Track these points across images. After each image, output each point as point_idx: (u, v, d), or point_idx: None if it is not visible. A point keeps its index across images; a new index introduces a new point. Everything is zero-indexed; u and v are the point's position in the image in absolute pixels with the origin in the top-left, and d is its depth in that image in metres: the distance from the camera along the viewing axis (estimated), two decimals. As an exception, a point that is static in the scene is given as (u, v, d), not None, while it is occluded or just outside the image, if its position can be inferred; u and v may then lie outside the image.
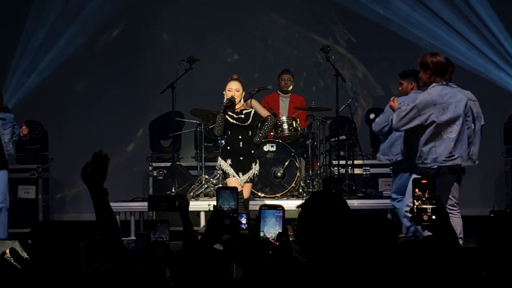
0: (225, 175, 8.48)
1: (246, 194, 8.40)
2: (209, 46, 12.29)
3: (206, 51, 11.80)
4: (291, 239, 3.28)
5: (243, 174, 8.38)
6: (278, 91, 10.83)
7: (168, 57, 11.68)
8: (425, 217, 3.25)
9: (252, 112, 8.45)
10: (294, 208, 3.27)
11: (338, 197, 3.21)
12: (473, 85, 11.86)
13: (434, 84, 6.86)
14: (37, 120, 11.58)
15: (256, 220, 3.10)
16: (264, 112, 8.61)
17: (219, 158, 8.54)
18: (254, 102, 8.53)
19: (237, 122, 8.40)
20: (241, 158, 8.39)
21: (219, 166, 8.58)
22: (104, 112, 12.44)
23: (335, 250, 3.00)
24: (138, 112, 12.30)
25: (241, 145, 8.43)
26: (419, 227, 3.30)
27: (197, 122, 10.46)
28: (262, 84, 9.77)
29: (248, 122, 8.41)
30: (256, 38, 12.58)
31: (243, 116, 8.43)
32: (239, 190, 8.04)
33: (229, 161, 8.40)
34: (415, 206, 3.28)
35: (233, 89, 8.39)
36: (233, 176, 8.35)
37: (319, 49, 10.39)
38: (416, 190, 3.30)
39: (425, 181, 3.31)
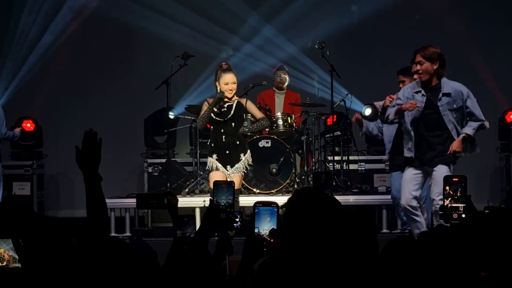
0: (211, 170, 8.23)
1: (235, 185, 8.12)
2: (204, 42, 12.27)
3: (201, 47, 11.79)
4: None
5: (231, 167, 8.14)
6: (274, 87, 10.81)
7: (162, 53, 11.66)
8: (455, 215, 3.23)
9: (234, 104, 8.16)
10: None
11: (321, 193, 3.19)
12: (468, 80, 11.93)
13: (445, 78, 6.97)
14: (32, 116, 11.57)
15: (250, 217, 3.10)
16: (259, 114, 8.40)
17: (208, 157, 8.32)
18: (249, 104, 8.28)
19: (219, 118, 8.13)
20: (227, 152, 8.16)
21: (208, 165, 8.32)
22: (98, 108, 12.41)
23: (323, 248, 3.00)
24: (133, 108, 12.27)
25: (224, 139, 8.17)
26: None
27: (192, 118, 10.45)
28: (257, 80, 9.76)
29: (230, 116, 8.13)
30: (251, 34, 12.55)
31: (225, 110, 8.16)
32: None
33: (215, 156, 8.16)
34: (447, 204, 3.25)
35: (230, 82, 8.05)
36: (218, 169, 8.10)
37: (314, 45, 10.37)
38: (447, 188, 3.27)
39: (457, 179, 3.28)
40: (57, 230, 3.09)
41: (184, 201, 9.40)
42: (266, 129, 9.80)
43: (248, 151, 8.28)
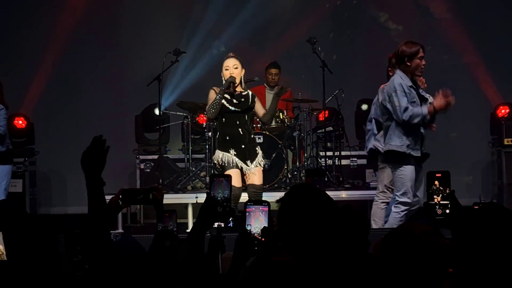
0: (224, 167, 7.56)
1: (259, 179, 7.65)
2: (195, 38, 12.26)
3: (192, 43, 11.78)
4: None
5: (251, 162, 7.62)
6: (265, 84, 10.82)
7: (154, 50, 11.65)
8: (439, 211, 3.22)
9: (251, 94, 7.76)
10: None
11: (317, 190, 3.20)
12: (460, 76, 11.95)
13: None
14: (23, 112, 11.54)
15: (241, 216, 3.10)
16: (261, 112, 7.82)
17: (218, 152, 7.61)
18: (256, 98, 7.83)
19: (236, 109, 7.60)
20: (243, 146, 7.59)
21: (219, 160, 7.58)
22: (90, 105, 12.39)
23: (316, 245, 3.00)
24: (125, 104, 12.26)
25: (241, 132, 7.62)
26: None
27: (184, 114, 10.44)
28: (249, 76, 9.75)
29: (248, 107, 7.66)
30: (243, 30, 12.55)
31: (243, 100, 7.66)
32: (250, 178, 7.60)
33: (232, 151, 7.55)
34: (436, 201, 3.24)
35: (231, 66, 7.63)
36: (237, 166, 7.52)
37: (305, 40, 10.36)
38: (436, 183, 3.26)
39: (440, 175, 3.28)
40: (43, 228, 3.09)
41: (176, 198, 9.41)
42: (258, 125, 9.82)
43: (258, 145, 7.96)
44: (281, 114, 9.93)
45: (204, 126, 10.10)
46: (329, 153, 10.58)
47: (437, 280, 2.61)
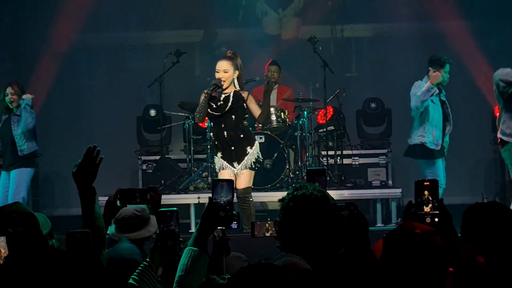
0: (219, 169, 7.78)
1: (244, 183, 7.67)
2: (196, 39, 12.26)
3: (193, 44, 11.78)
4: (273, 235, 3.31)
5: (238, 163, 7.69)
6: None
7: (155, 51, 11.66)
8: (428, 220, 3.23)
9: (231, 95, 7.64)
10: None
11: (321, 191, 3.20)
12: (462, 73, 11.95)
13: None
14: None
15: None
16: (257, 112, 7.75)
17: (214, 157, 7.92)
18: (250, 99, 7.73)
19: (216, 112, 7.62)
20: (232, 148, 7.67)
21: (215, 166, 7.90)
22: (91, 106, 12.40)
23: (316, 245, 3.01)
24: (127, 105, 12.26)
25: (226, 134, 7.66)
26: None
27: (185, 115, 10.45)
28: (250, 76, 9.75)
29: (227, 108, 7.63)
30: (243, 30, 12.55)
31: (222, 102, 7.63)
32: (235, 180, 7.57)
33: (219, 154, 7.70)
34: (426, 211, 3.25)
35: (221, 70, 7.56)
36: (225, 168, 7.66)
37: (306, 39, 10.37)
38: (425, 193, 3.26)
39: (428, 183, 3.28)
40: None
41: (178, 198, 9.41)
42: (260, 125, 9.83)
43: (256, 143, 7.85)
44: (282, 113, 9.93)
45: (206, 126, 10.09)
46: (331, 152, 10.59)
47: (438, 279, 2.61)
